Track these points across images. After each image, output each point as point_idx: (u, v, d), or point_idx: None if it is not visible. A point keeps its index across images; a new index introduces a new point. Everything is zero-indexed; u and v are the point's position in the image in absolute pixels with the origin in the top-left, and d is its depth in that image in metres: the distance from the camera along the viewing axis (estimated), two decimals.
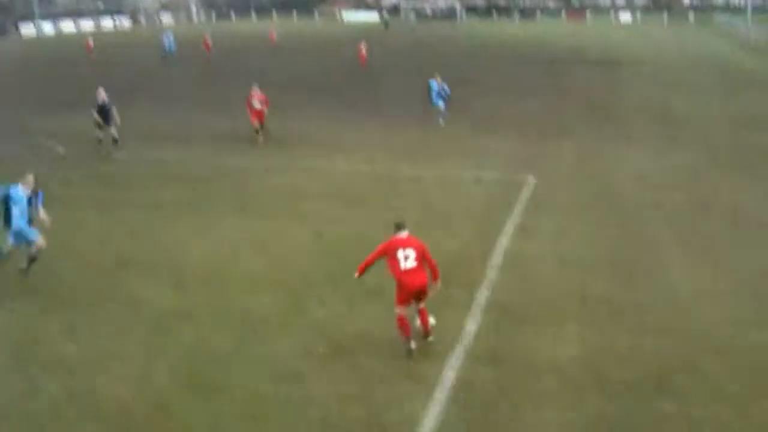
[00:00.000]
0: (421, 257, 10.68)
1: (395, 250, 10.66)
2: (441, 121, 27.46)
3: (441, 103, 27.50)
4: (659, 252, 15.02)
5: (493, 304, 12.53)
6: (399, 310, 10.68)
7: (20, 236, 13.51)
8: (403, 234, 10.93)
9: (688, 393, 9.78)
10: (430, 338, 11.04)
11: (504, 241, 15.61)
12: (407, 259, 10.57)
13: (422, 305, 10.92)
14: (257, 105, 25.01)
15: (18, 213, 13.35)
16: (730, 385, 9.98)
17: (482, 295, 12.86)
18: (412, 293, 10.63)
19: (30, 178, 13.64)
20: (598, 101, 34.39)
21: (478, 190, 19.68)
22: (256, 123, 25.00)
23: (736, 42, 66.09)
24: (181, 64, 50.86)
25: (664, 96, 34.97)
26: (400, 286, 10.63)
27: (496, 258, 14.67)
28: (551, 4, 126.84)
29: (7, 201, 13.33)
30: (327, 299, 12.78)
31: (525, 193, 19.16)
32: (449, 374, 10.30)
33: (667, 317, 12.03)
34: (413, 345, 10.71)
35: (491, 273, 13.90)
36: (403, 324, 10.69)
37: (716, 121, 29.16)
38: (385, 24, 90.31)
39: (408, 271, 10.57)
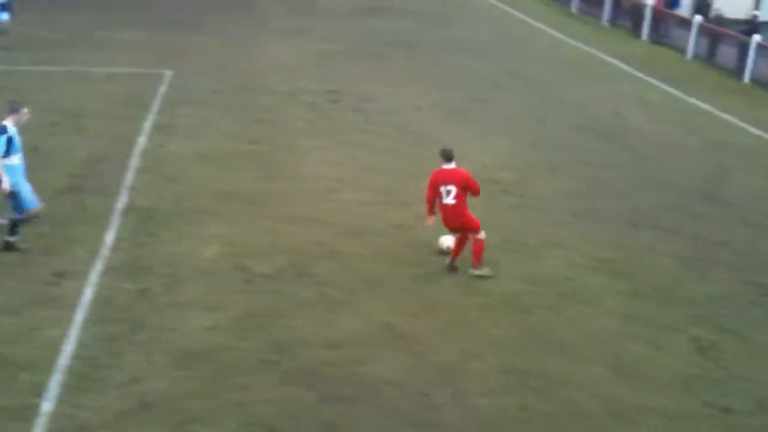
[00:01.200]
0: (463, 192, 10.30)
1: (438, 185, 10.40)
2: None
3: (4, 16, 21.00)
4: (296, 142, 15.47)
5: (132, 210, 11.97)
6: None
7: None
8: (449, 166, 10.49)
9: (328, 279, 10.36)
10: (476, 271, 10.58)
11: (142, 141, 14.90)
12: (449, 195, 10.32)
13: (470, 236, 10.54)
14: None
15: None
16: (368, 266, 10.73)
17: (120, 202, 12.21)
18: (453, 230, 10.52)
19: None
20: None
21: (111, 86, 18.42)
22: None
23: None
24: None
25: None
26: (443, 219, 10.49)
27: (135, 160, 13.98)
28: None
29: None
30: None
31: (163, 88, 18.38)
32: (88, 292, 9.69)
33: (305, 206, 12.51)
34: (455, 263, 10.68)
35: (129, 177, 13.23)
36: (457, 248, 10.64)
37: (346, 10, 30.36)
38: None
39: (445, 207, 10.38)
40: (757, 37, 21.68)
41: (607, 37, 27.65)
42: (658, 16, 27.13)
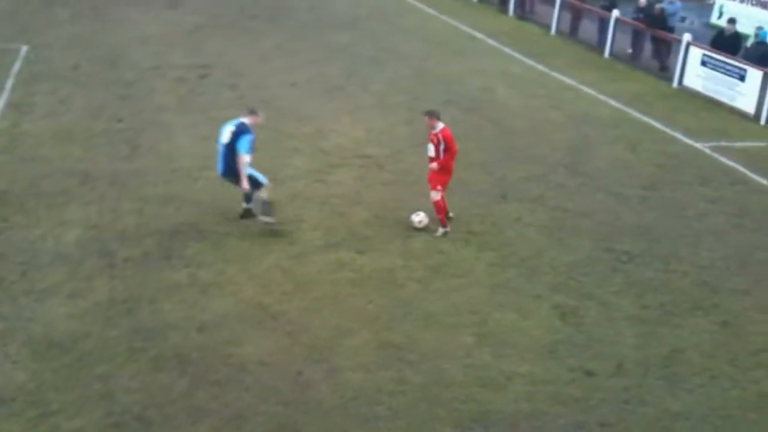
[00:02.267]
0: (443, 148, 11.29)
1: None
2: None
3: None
4: (164, 119, 14.96)
5: None
6: (433, 195, 11.26)
7: None
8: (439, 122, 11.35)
9: (198, 259, 10.11)
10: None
11: None
12: (430, 150, 11.40)
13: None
14: None
15: None
16: (238, 246, 10.54)
17: None
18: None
19: None
20: None
21: None
22: None
23: None
24: None
25: None
26: (447, 172, 11.28)
27: None
28: None
29: None
30: None
31: (17, 64, 17.33)
32: None
33: (173, 186, 12.15)
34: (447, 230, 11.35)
35: None
36: (441, 206, 11.30)
37: None
38: None
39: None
40: (615, 12, 22.63)
41: (475, 12, 28.12)
42: None
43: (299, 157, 13.75)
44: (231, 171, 10.91)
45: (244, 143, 10.81)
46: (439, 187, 11.22)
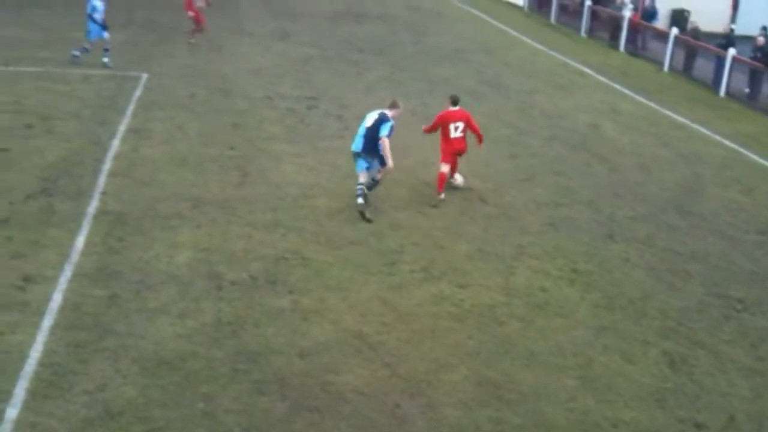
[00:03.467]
0: (466, 127, 13.34)
1: (449, 122, 13.18)
2: (107, 60, 20.12)
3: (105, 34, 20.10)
4: (273, 148, 15.36)
5: (104, 215, 11.81)
6: (444, 168, 13.27)
7: None
8: (456, 108, 13.38)
9: (301, 286, 10.27)
10: (457, 181, 13.78)
11: (116, 145, 14.75)
12: (457, 130, 13.21)
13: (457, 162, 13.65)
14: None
15: None
16: (339, 274, 10.67)
17: (92, 206, 12.04)
18: (457, 154, 13.44)
19: None
20: None
21: (86, 88, 18.22)
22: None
23: None
24: None
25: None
26: (449, 149, 13.25)
27: (108, 164, 13.82)
28: None
29: None
30: None
31: (138, 91, 18.22)
32: (57, 297, 9.53)
33: (280, 213, 12.41)
34: (443, 196, 13.17)
35: (102, 180, 13.07)
36: (443, 179, 13.25)
37: (325, 15, 30.33)
38: None
39: (457, 139, 13.25)
40: (732, 51, 21.90)
41: (584, 48, 27.83)
42: (635, 29, 27.36)
43: (401, 188, 13.83)
44: (367, 150, 12.60)
45: (386, 128, 12.53)
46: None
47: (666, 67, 24.79)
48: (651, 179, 15.09)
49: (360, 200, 12.45)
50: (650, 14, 28.51)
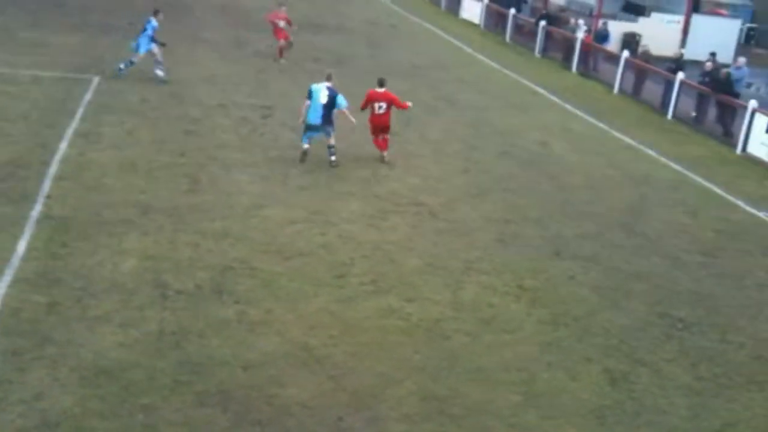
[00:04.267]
0: (389, 105, 15.54)
1: (373, 100, 15.46)
2: (161, 74, 19.98)
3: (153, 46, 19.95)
4: (225, 156, 15.23)
5: (48, 219, 11.57)
6: (374, 139, 15.84)
7: None
8: (381, 89, 15.54)
9: (248, 297, 10.17)
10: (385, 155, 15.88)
11: (64, 148, 14.48)
12: (380, 108, 15.43)
13: (386, 136, 15.88)
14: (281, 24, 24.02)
15: None
16: (288, 286, 10.60)
17: (36, 210, 11.78)
18: (378, 128, 15.62)
19: None
20: None
21: (35, 90, 17.86)
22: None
23: None
24: None
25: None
26: (372, 124, 15.63)
27: (54, 167, 13.56)
28: None
29: None
30: None
31: (89, 95, 17.93)
32: None
33: (229, 222, 12.31)
34: (386, 154, 15.86)
35: (47, 184, 12.80)
36: (378, 144, 15.89)
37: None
38: None
39: (378, 115, 15.48)
40: (681, 75, 22.45)
41: (538, 67, 28.24)
42: (587, 50, 27.87)
43: (353, 200, 13.84)
44: (326, 122, 14.83)
45: (343, 100, 14.98)
46: None
47: (616, 89, 25.29)
48: (598, 198, 15.35)
49: (334, 158, 15.17)
50: (602, 37, 29.11)
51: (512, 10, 32.94)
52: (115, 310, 9.46)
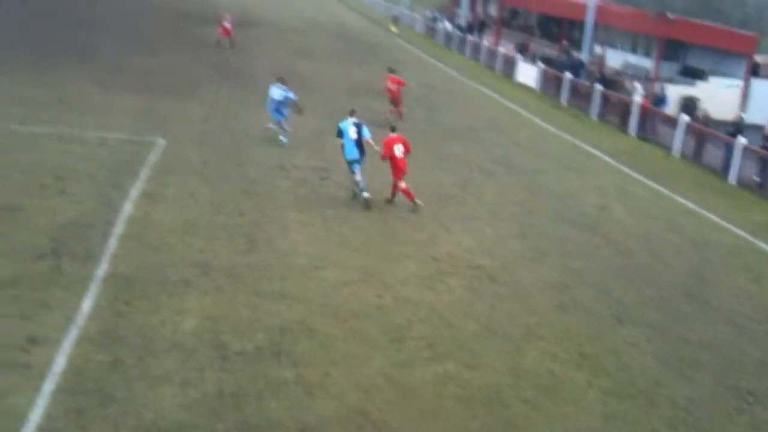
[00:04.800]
0: (405, 147, 16.56)
1: (392, 145, 16.34)
2: (283, 140, 21.13)
3: (280, 117, 21.13)
4: (283, 216, 15.43)
5: (112, 278, 11.81)
6: (402, 184, 16.52)
7: None
8: (394, 134, 16.65)
9: (306, 359, 10.16)
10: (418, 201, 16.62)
11: (128, 208, 14.83)
12: (399, 151, 16.38)
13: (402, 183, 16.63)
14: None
15: None
16: (344, 348, 10.57)
17: (101, 269, 12.04)
18: (401, 171, 16.39)
19: None
20: (230, 60, 34.36)
21: (103, 151, 18.43)
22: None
23: (360, 12, 70.72)
24: None
25: (293, 61, 35.99)
26: (397, 168, 16.40)
27: (119, 226, 13.87)
28: None
29: None
30: None
31: (153, 156, 18.42)
32: (60, 361, 9.45)
33: (287, 282, 12.39)
34: (420, 202, 16.65)
35: (112, 243, 13.10)
36: (405, 190, 16.52)
37: (341, 89, 30.87)
38: None
39: (400, 159, 16.39)
40: (742, 139, 22.11)
41: (594, 130, 28.15)
42: (644, 113, 27.72)
43: (409, 262, 13.83)
44: (361, 154, 16.35)
45: (367, 131, 16.58)
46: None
47: (675, 153, 25.01)
48: (659, 264, 15.05)
49: (366, 194, 16.28)
50: (660, 100, 28.94)
51: (568, 74, 33.06)
52: (175, 369, 9.54)
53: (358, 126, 16.48)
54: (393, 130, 16.85)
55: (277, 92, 20.58)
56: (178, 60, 32.49)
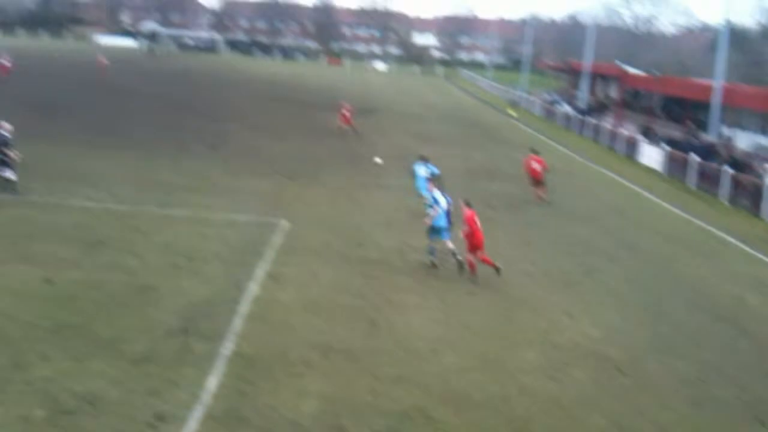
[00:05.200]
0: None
1: (474, 218, 16.91)
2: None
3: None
4: (402, 299, 15.44)
5: (237, 357, 12.05)
6: (470, 257, 16.94)
7: None
8: (470, 209, 17.12)
9: None
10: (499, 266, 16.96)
11: (254, 288, 15.24)
12: (477, 224, 16.85)
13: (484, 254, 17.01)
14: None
15: None
16: None
17: (227, 348, 12.34)
18: (481, 243, 16.79)
19: None
20: (350, 146, 35.40)
21: (231, 232, 19.18)
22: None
23: (477, 97, 71.70)
24: None
25: (415, 144, 36.67)
26: (475, 240, 16.78)
27: (245, 306, 14.25)
28: (311, 47, 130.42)
29: None
30: (52, 354, 11.55)
31: (278, 237, 18.98)
32: None
33: (406, 367, 12.28)
34: (475, 277, 16.89)
35: (237, 323, 13.44)
36: (471, 263, 16.97)
37: (458, 172, 31.10)
38: (151, 50, 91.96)
39: (481, 231, 16.84)
40: None
41: (725, 214, 26.98)
42: None
43: (530, 349, 13.46)
44: (450, 223, 17.26)
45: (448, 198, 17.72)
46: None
47: None
48: None
49: (460, 256, 17.06)
50: None
51: (695, 156, 32.06)
52: None
53: (447, 198, 17.59)
54: (468, 204, 17.29)
55: (422, 170, 22.62)
56: (303, 146, 33.77)
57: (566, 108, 55.79)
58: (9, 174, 20.41)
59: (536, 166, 26.00)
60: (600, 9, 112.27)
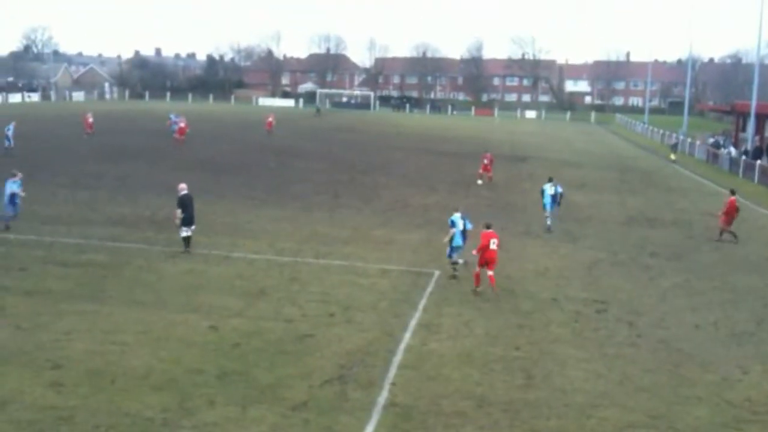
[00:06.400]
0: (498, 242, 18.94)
1: (490, 239, 18.50)
2: (549, 222, 27.06)
3: (553, 208, 27.13)
4: (559, 351, 14.99)
5: (392, 407, 12.11)
6: (478, 269, 18.67)
7: None
8: (489, 230, 18.74)
9: None
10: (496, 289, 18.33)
11: (407, 337, 15.33)
12: (493, 244, 18.55)
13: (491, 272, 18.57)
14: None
15: None
16: None
17: (382, 397, 12.43)
18: (492, 261, 18.50)
19: None
20: (500, 195, 35.16)
21: (384, 282, 19.46)
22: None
23: (634, 141, 69.50)
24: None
25: (568, 192, 35.85)
26: (486, 255, 18.42)
27: (399, 355, 14.34)
28: (460, 99, 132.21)
29: None
30: (217, 400, 12.08)
31: (430, 287, 19.06)
32: None
33: (564, 421, 11.85)
34: (479, 289, 18.58)
35: (392, 372, 13.53)
36: (477, 277, 18.67)
37: (617, 219, 30.10)
38: (317, 110, 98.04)
39: (493, 251, 18.54)
40: None
41: None
42: None
43: (701, 406, 12.63)
44: (465, 240, 19.69)
45: (469, 223, 20.02)
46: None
47: None
48: None
49: (462, 260, 19.68)
50: None
51: None
52: None
53: (464, 219, 19.82)
54: (488, 227, 18.81)
55: (550, 188, 26.60)
56: (454, 196, 33.89)
57: (731, 150, 52.88)
58: (186, 232, 21.46)
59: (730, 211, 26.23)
60: (765, 47, 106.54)
